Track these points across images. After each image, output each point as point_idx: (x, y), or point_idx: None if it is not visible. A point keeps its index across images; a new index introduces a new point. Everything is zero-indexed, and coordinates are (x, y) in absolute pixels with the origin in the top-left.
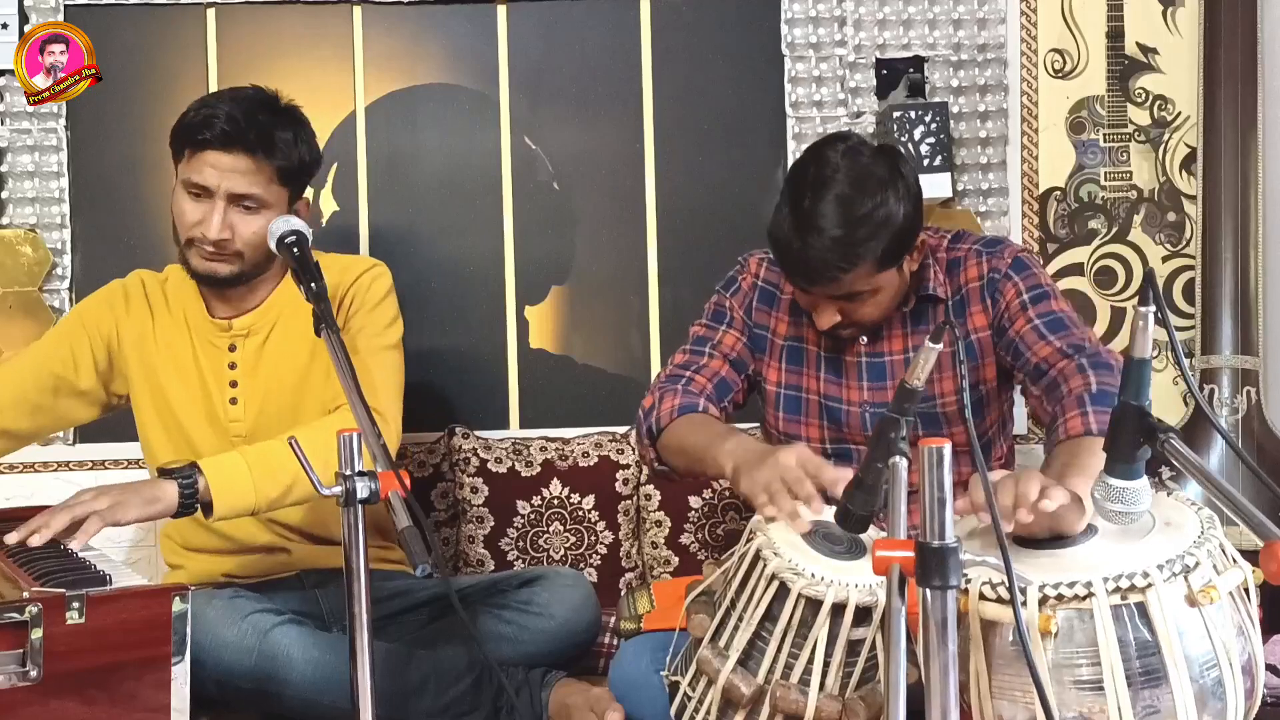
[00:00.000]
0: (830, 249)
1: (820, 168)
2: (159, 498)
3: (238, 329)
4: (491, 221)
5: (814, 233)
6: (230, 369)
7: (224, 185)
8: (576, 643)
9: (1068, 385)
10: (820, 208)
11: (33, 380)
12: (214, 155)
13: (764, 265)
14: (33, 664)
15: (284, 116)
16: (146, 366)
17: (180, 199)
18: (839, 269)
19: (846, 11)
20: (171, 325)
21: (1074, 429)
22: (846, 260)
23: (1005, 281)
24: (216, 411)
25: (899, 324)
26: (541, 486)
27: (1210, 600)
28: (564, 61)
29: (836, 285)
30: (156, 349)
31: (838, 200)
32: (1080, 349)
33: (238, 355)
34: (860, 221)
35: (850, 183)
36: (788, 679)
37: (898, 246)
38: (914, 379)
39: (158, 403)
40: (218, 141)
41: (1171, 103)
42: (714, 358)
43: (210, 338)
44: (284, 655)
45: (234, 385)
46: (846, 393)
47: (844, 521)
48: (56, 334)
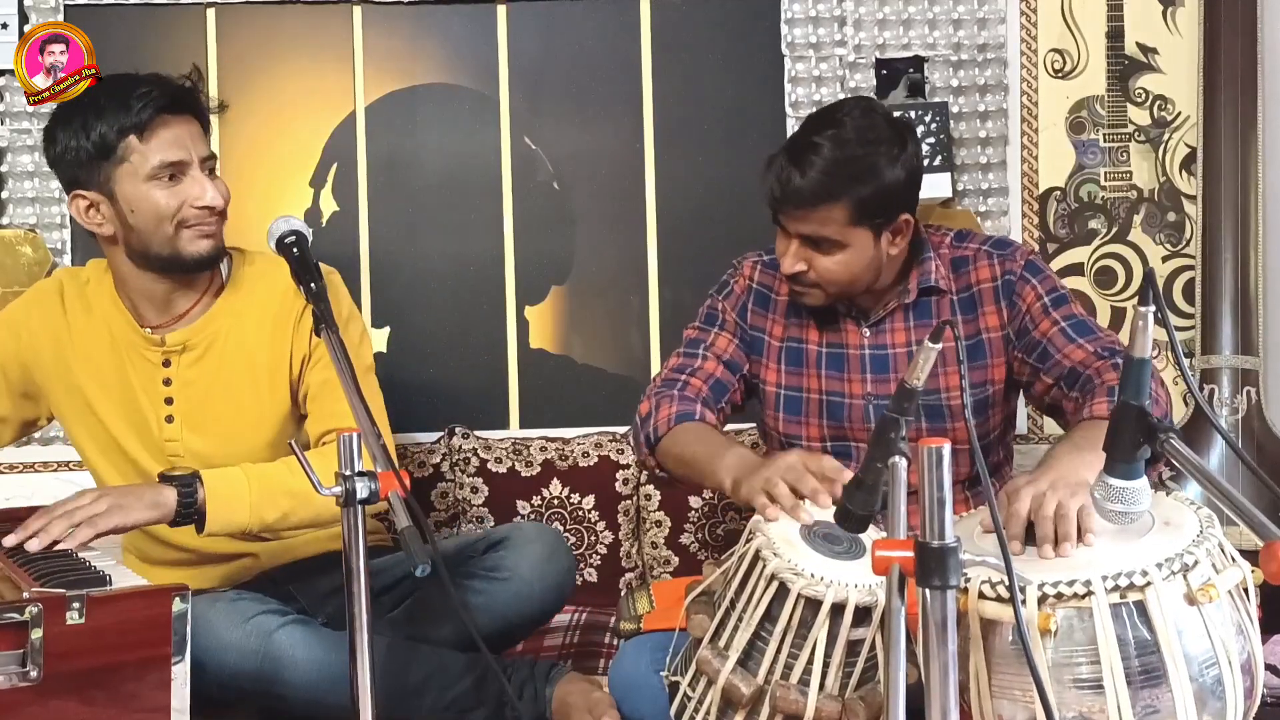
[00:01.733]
0: (815, 176)
1: (833, 112)
2: (160, 503)
3: (172, 344)
4: (491, 221)
5: (804, 160)
6: (165, 385)
7: (194, 152)
8: (555, 598)
9: (1101, 379)
10: (818, 141)
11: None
12: (173, 125)
13: (758, 268)
14: (33, 664)
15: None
16: (69, 385)
17: (148, 192)
18: (815, 196)
19: (846, 11)
20: (90, 333)
21: (1099, 412)
22: (824, 190)
23: (1023, 284)
24: (151, 429)
25: (901, 316)
26: (541, 486)
27: (1209, 599)
28: (564, 61)
29: (809, 216)
30: (78, 365)
31: (836, 139)
32: (1113, 351)
33: (172, 371)
34: (850, 162)
35: (854, 130)
36: (787, 679)
37: (878, 204)
38: (914, 378)
39: (88, 422)
40: (170, 109)
41: (1171, 103)
42: (708, 359)
43: (142, 350)
44: (288, 657)
45: (169, 403)
46: (849, 386)
47: (844, 521)
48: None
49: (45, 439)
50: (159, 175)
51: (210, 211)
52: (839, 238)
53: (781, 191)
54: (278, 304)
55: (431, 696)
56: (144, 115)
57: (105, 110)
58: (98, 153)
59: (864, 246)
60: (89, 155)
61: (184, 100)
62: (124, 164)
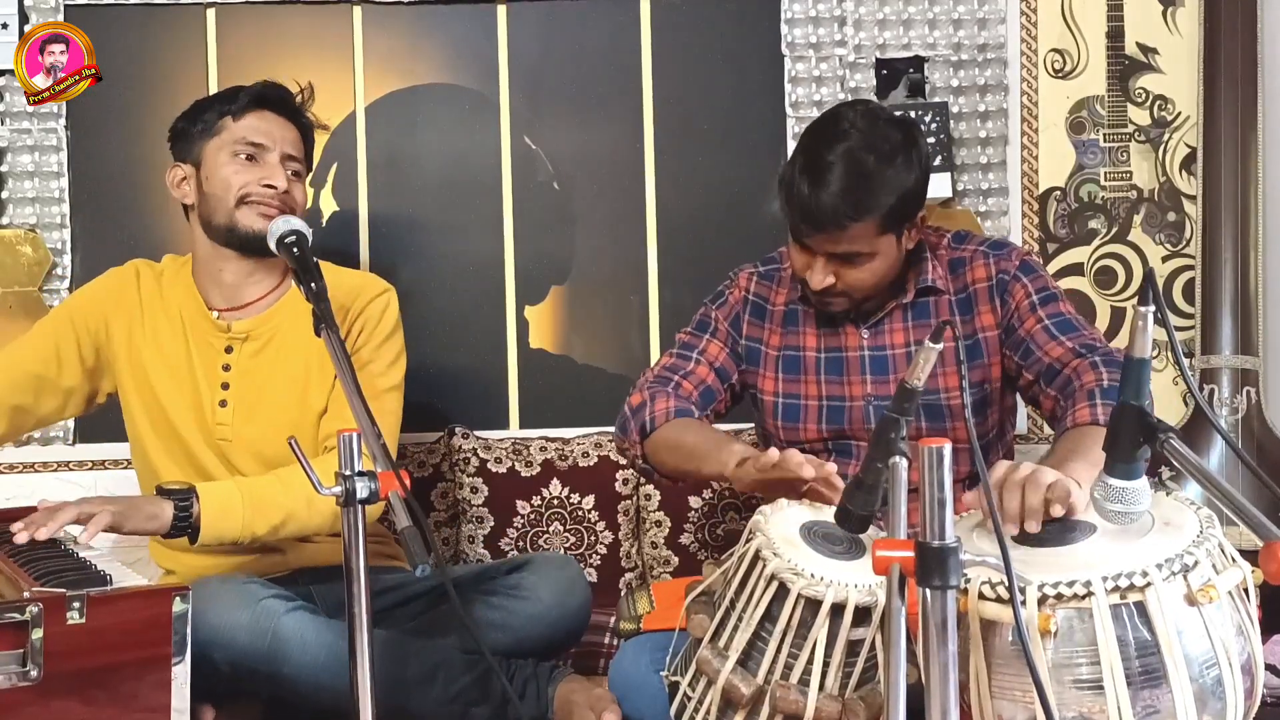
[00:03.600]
0: (840, 196)
1: (838, 124)
2: (157, 515)
3: (236, 331)
4: (491, 221)
5: (825, 182)
6: (224, 370)
7: (279, 145)
8: (569, 626)
9: (1080, 380)
10: (833, 159)
11: (8, 384)
12: (266, 115)
13: (754, 280)
14: (33, 664)
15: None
16: (134, 362)
17: (225, 164)
18: (846, 217)
19: (846, 11)
20: (164, 319)
21: (1081, 419)
22: (855, 210)
23: (1014, 283)
24: (204, 412)
25: (899, 316)
26: (541, 486)
27: (1209, 599)
28: (564, 61)
29: (840, 237)
30: (145, 343)
31: (850, 154)
32: (1092, 348)
33: (233, 358)
34: (871, 176)
35: (865, 140)
36: (787, 679)
37: (903, 210)
38: (914, 379)
39: (145, 399)
40: (269, 104)
41: (1171, 103)
42: (700, 364)
43: (207, 335)
44: (298, 638)
45: (225, 388)
46: (849, 389)
47: (844, 521)
48: (41, 331)
49: (45, 439)
50: (238, 151)
51: (274, 192)
52: (869, 249)
53: (808, 217)
54: (336, 306)
55: (438, 688)
56: (243, 101)
57: (219, 98)
58: (200, 130)
59: (890, 250)
60: (195, 133)
61: (285, 103)
62: (214, 138)
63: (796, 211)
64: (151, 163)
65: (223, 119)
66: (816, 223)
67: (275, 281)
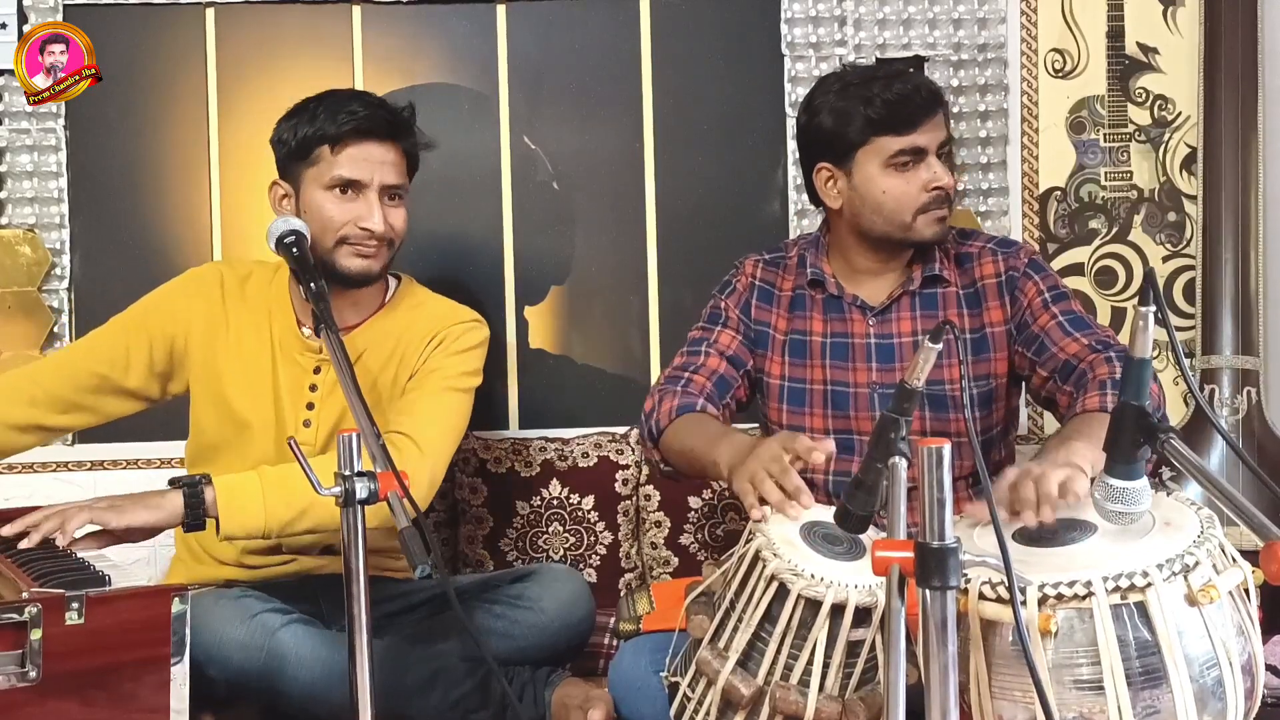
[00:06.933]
0: (920, 78)
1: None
2: (160, 505)
3: (326, 353)
4: (491, 221)
5: (898, 73)
6: (311, 390)
7: (377, 177)
8: (570, 638)
9: (1094, 373)
10: (895, 67)
11: (71, 380)
12: (366, 147)
13: (760, 266)
14: (32, 664)
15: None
16: (209, 367)
17: (323, 201)
18: (937, 97)
19: (846, 11)
20: (251, 330)
21: (1090, 405)
22: (939, 92)
23: (1025, 280)
24: (287, 429)
25: (907, 304)
26: (541, 487)
27: (1210, 600)
28: (563, 61)
29: (940, 120)
30: (227, 352)
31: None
32: (1107, 345)
33: (320, 378)
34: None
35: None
36: (787, 680)
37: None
38: (914, 379)
39: (220, 409)
40: (371, 133)
41: (1172, 103)
42: (711, 355)
43: (295, 354)
44: (293, 654)
45: (310, 408)
46: (854, 375)
47: (843, 521)
48: (112, 330)
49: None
50: (334, 187)
51: (370, 235)
52: (952, 136)
53: (908, 100)
54: (420, 333)
55: (438, 695)
56: (343, 129)
57: (318, 116)
58: (298, 150)
59: (950, 155)
60: (291, 151)
61: (390, 126)
62: (312, 167)
63: (894, 104)
64: (151, 163)
65: (319, 146)
66: (925, 102)
67: (373, 308)
